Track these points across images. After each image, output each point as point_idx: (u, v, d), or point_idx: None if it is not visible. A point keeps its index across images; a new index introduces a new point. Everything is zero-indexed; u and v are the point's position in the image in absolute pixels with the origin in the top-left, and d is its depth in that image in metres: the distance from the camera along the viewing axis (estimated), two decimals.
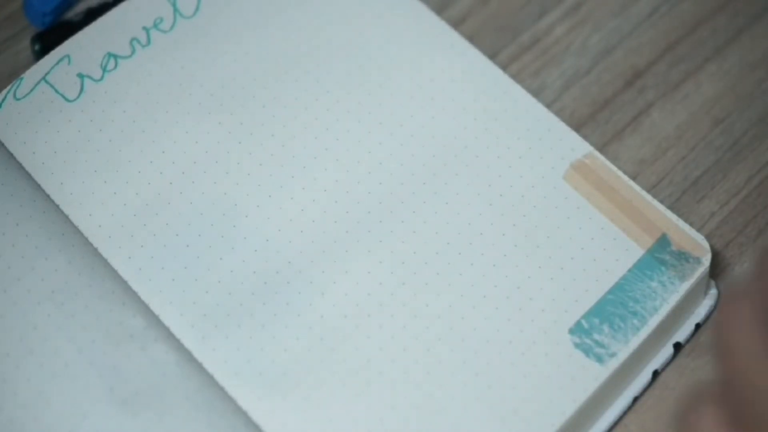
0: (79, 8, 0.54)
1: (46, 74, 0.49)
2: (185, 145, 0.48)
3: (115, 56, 0.50)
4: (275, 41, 0.51)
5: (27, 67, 0.49)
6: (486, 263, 0.45)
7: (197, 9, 0.52)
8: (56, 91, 0.49)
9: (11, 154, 0.47)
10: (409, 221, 0.46)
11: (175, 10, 0.52)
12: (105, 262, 0.45)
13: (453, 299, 0.44)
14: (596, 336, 0.44)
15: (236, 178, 0.47)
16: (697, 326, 0.47)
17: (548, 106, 0.50)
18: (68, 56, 0.50)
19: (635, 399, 0.45)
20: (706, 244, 0.46)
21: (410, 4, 0.52)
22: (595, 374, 0.43)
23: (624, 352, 0.43)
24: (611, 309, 0.44)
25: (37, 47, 0.52)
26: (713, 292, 0.47)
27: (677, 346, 0.46)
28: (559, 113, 0.50)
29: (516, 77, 0.51)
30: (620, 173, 0.47)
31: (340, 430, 0.42)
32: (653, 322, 0.44)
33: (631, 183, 0.47)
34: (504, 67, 0.52)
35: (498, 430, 0.42)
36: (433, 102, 0.49)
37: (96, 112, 0.49)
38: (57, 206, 0.46)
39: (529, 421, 0.42)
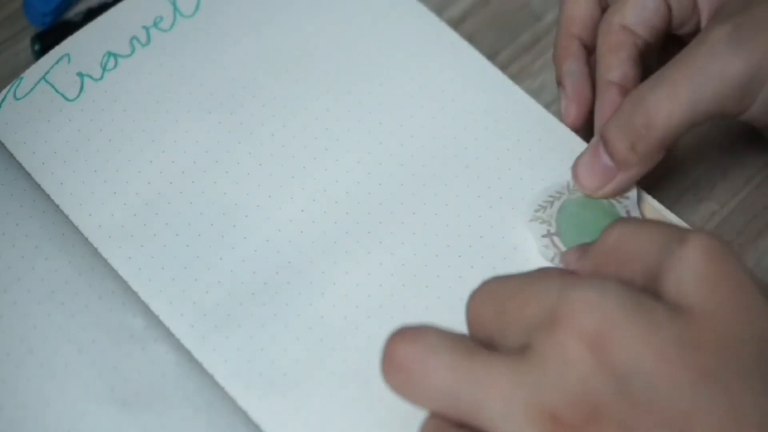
0: (79, 8, 0.54)
1: (46, 73, 0.49)
2: (185, 145, 0.48)
3: (115, 55, 0.50)
4: (275, 41, 0.51)
5: (27, 67, 0.49)
6: (486, 266, 0.45)
7: (197, 8, 0.52)
8: (56, 90, 0.49)
9: (11, 154, 0.47)
10: (409, 223, 0.46)
11: (175, 9, 0.52)
12: (105, 262, 0.45)
13: (453, 302, 0.44)
14: None
15: (236, 177, 0.47)
16: None
17: (548, 106, 0.50)
18: (68, 55, 0.50)
19: None
20: None
21: (409, 4, 0.52)
22: None
23: None
24: None
25: (37, 47, 0.52)
26: None
27: None
28: (558, 114, 0.50)
29: (516, 77, 0.51)
30: None
31: (340, 430, 0.42)
32: None
33: None
34: (504, 68, 0.52)
35: None
36: (432, 103, 0.49)
37: (96, 111, 0.49)
38: (57, 206, 0.46)
39: None
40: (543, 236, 0.45)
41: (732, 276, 0.34)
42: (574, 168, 0.46)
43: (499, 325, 0.35)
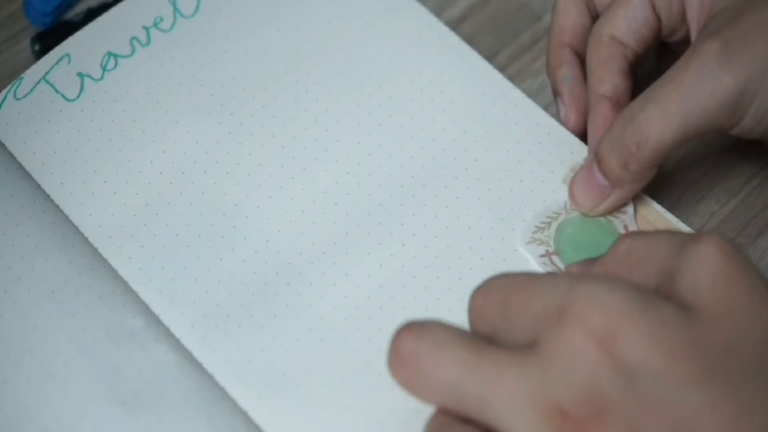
0: (79, 8, 0.54)
1: (46, 74, 0.49)
2: (185, 145, 0.48)
3: (115, 55, 0.50)
4: (275, 42, 0.51)
5: (27, 67, 0.49)
6: (486, 267, 0.45)
7: (197, 8, 0.52)
8: (56, 90, 0.49)
9: (11, 154, 0.47)
10: (409, 224, 0.46)
11: (175, 9, 0.52)
12: (105, 262, 0.45)
13: (453, 303, 0.44)
14: None
15: (236, 178, 0.47)
16: None
17: (547, 106, 0.50)
18: (68, 55, 0.50)
19: None
20: None
21: (409, 5, 0.52)
22: None
23: None
24: None
25: (37, 47, 0.52)
26: None
27: None
28: (558, 115, 0.50)
29: (516, 78, 0.51)
30: None
31: (340, 431, 0.42)
32: None
33: None
34: (504, 68, 0.52)
35: None
36: (432, 104, 0.49)
37: (96, 111, 0.49)
38: (57, 206, 0.46)
39: None
40: (541, 256, 0.45)
41: (745, 276, 0.34)
42: (570, 187, 0.46)
43: (504, 319, 0.35)
